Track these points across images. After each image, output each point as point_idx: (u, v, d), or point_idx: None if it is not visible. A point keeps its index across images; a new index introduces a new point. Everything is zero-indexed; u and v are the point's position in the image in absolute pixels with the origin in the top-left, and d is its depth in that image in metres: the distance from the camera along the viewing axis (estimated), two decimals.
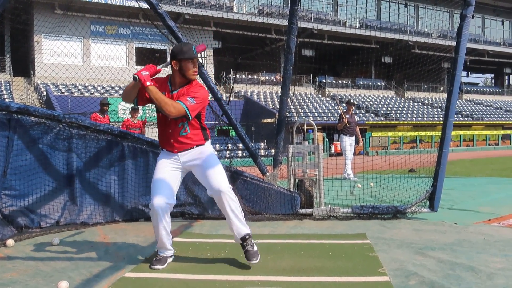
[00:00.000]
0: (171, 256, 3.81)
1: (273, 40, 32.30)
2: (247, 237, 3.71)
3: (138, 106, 11.29)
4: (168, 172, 3.70)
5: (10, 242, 4.42)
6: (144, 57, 28.29)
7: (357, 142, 10.94)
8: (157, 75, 3.69)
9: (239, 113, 26.69)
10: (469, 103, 42.95)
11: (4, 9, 4.98)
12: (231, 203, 3.64)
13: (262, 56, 34.75)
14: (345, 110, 10.93)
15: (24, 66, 26.42)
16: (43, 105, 23.25)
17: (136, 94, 3.62)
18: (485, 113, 40.87)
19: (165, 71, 3.82)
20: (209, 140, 3.85)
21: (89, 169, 5.40)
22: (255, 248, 3.71)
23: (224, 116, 6.48)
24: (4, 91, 24.20)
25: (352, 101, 11.39)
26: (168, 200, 3.62)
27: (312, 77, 36.82)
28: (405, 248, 4.12)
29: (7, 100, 21.41)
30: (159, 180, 3.66)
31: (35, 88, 26.42)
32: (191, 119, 3.57)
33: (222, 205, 3.64)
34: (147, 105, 3.86)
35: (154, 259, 3.75)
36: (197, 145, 3.73)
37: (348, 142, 10.67)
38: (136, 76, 3.42)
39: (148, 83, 3.41)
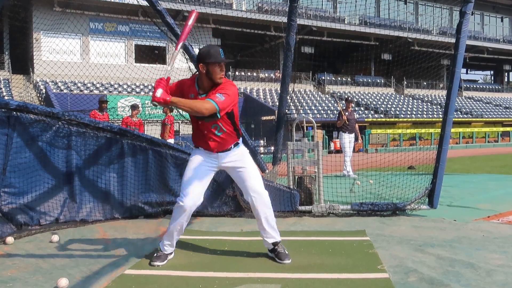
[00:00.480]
0: (171, 253, 3.82)
1: (273, 37, 32.26)
2: (279, 242, 3.78)
3: (137, 104, 11.31)
4: (203, 171, 3.68)
5: (10, 239, 4.42)
6: (144, 54, 28.27)
7: (356, 139, 10.96)
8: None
9: (239, 110, 26.62)
10: (469, 100, 42.96)
11: (3, 6, 4.97)
12: (266, 210, 3.71)
13: (262, 53, 34.73)
14: (344, 108, 10.93)
15: (23, 64, 26.38)
16: (42, 103, 23.24)
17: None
18: (485, 110, 40.89)
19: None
20: (241, 137, 3.84)
21: (88, 167, 5.40)
22: (286, 251, 3.76)
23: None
24: (3, 89, 24.18)
25: (351, 98, 11.38)
26: (198, 201, 3.65)
27: (311, 74, 36.81)
28: (405, 245, 4.12)
29: (6, 97, 21.39)
30: (194, 178, 3.64)
31: (34, 85, 26.40)
32: (219, 116, 3.49)
33: (257, 210, 3.69)
34: (146, 102, 3.85)
35: (155, 255, 3.76)
36: (234, 145, 3.72)
37: (347, 139, 10.67)
38: (155, 102, 3.31)
39: (168, 99, 3.28)
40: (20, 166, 4.83)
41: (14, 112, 4.69)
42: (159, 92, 3.28)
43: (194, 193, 3.61)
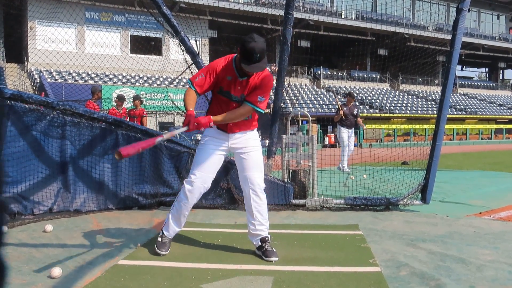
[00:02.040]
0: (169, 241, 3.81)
1: (269, 30, 32.14)
2: (267, 238, 3.72)
3: (124, 95, 11.32)
4: (214, 155, 3.65)
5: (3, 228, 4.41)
6: (140, 45, 28.12)
7: (355, 134, 10.90)
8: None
9: None
10: (463, 97, 43.15)
11: None
12: (260, 203, 3.66)
13: None
14: (343, 103, 10.95)
15: (17, 52, 26.17)
16: (36, 92, 23.10)
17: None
18: (479, 107, 41.10)
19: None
20: (256, 129, 3.82)
21: (82, 157, 5.39)
22: (274, 248, 3.70)
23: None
24: None
25: (352, 93, 11.38)
26: (208, 185, 3.64)
27: (307, 68, 36.79)
28: (397, 240, 4.16)
29: (0, 86, 21.22)
30: (205, 162, 3.62)
31: (28, 74, 26.23)
32: (263, 112, 3.56)
33: (249, 201, 3.66)
34: (141, 93, 3.86)
35: (160, 240, 3.71)
36: (249, 130, 3.70)
37: (346, 134, 10.68)
38: (203, 128, 3.44)
39: (211, 124, 3.43)
40: (14, 155, 4.82)
41: (8, 101, 4.67)
42: (204, 120, 3.40)
43: (203, 175, 3.60)
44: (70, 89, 20.01)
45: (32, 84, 25.19)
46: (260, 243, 3.71)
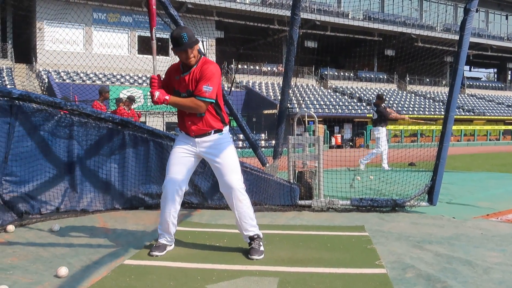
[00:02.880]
0: (170, 245, 3.84)
1: (276, 31, 32.15)
2: (255, 236, 3.73)
3: (133, 96, 11.49)
4: (183, 157, 3.71)
5: (11, 227, 4.45)
6: (147, 45, 28.15)
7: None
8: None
9: (241, 104, 26.66)
10: (471, 97, 42.87)
11: None
12: (240, 205, 3.66)
13: (264, 47, 34.64)
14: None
15: (26, 53, 26.38)
16: (44, 92, 23.25)
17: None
18: (487, 108, 40.81)
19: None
20: (227, 127, 3.82)
21: (89, 157, 5.42)
22: (262, 248, 3.71)
23: (225, 106, 6.47)
24: (6, 77, 24.18)
25: (381, 95, 11.63)
26: (180, 186, 3.67)
27: (314, 68, 36.72)
28: (403, 241, 4.14)
29: (8, 86, 21.39)
30: (174, 165, 3.70)
31: (36, 75, 26.41)
32: (215, 101, 3.60)
33: (231, 203, 3.68)
34: (148, 94, 3.90)
35: (154, 245, 3.78)
36: (215, 131, 3.70)
37: (384, 133, 10.84)
38: (155, 103, 3.51)
39: (167, 97, 3.50)
40: (22, 155, 4.85)
41: (17, 101, 4.69)
42: (157, 94, 3.49)
43: (175, 178, 3.64)
44: (77, 89, 20.10)
45: (40, 84, 25.36)
46: (249, 241, 3.75)
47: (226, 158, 3.69)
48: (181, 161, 3.71)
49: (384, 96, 11.47)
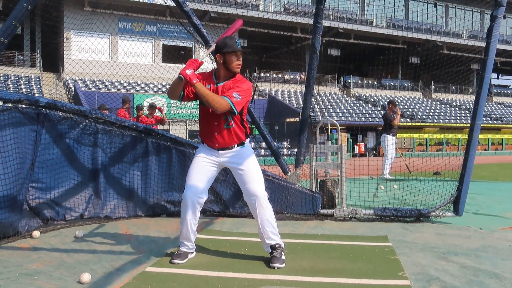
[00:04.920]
0: (192, 252, 3.85)
1: (299, 39, 32.19)
2: (277, 246, 3.73)
3: (155, 104, 11.76)
4: (204, 167, 3.74)
5: (36, 233, 4.54)
6: (170, 54, 28.57)
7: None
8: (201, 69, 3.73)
9: (263, 112, 26.73)
10: (499, 106, 41.94)
11: (35, 6, 5.10)
12: (264, 213, 3.68)
13: (287, 55, 34.70)
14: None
15: (53, 62, 27.05)
16: (71, 100, 23.76)
17: (182, 90, 3.66)
18: None
19: (206, 63, 3.86)
20: (249, 138, 3.85)
21: (113, 164, 5.49)
22: (284, 257, 3.70)
23: (248, 115, 6.47)
24: (34, 86, 24.83)
25: (394, 101, 11.54)
26: (200, 195, 3.68)
27: (337, 76, 36.55)
28: (428, 252, 4.05)
29: (37, 95, 21.95)
30: (195, 174, 3.72)
31: (63, 83, 27.02)
32: (236, 113, 3.60)
33: (254, 211, 3.69)
34: (171, 102, 3.91)
35: (175, 253, 3.80)
36: (238, 145, 3.74)
37: (390, 142, 10.74)
38: (181, 75, 3.47)
39: (194, 81, 3.46)
40: (48, 162, 4.95)
41: (44, 109, 4.80)
42: (190, 71, 3.47)
43: (195, 187, 3.66)
44: (103, 97, 20.46)
45: (67, 92, 25.93)
46: (270, 250, 3.74)
47: (249, 166, 3.73)
48: (202, 170, 3.73)
49: (395, 102, 11.32)
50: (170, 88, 3.69)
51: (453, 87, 41.53)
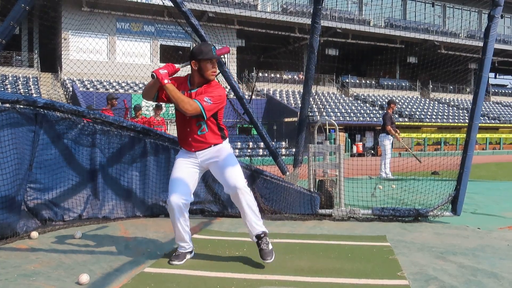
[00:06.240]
0: (190, 253, 3.84)
1: (297, 39, 32.18)
2: (262, 235, 3.71)
3: (161, 104, 11.75)
4: (185, 170, 3.73)
5: (34, 234, 4.53)
6: (168, 54, 28.55)
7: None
8: (178, 74, 3.73)
9: (261, 112, 26.71)
10: (497, 105, 42.01)
11: (33, 6, 5.09)
12: (247, 199, 3.65)
13: (285, 55, 34.68)
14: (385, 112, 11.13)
15: (51, 62, 27.00)
16: (69, 101, 23.72)
17: (156, 91, 3.68)
18: None
19: (185, 70, 3.85)
20: (227, 139, 3.86)
21: (111, 165, 5.49)
22: (270, 246, 3.71)
23: (246, 115, 6.48)
24: (32, 86, 24.79)
25: (393, 100, 11.60)
26: (185, 198, 3.66)
27: (335, 76, 36.57)
28: (426, 252, 4.06)
29: (34, 95, 21.91)
30: (177, 178, 3.71)
31: (61, 83, 26.97)
32: (206, 118, 3.60)
33: (238, 201, 3.66)
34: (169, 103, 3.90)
35: (173, 254, 3.80)
36: (214, 144, 3.75)
37: (388, 141, 10.79)
38: (154, 74, 3.48)
39: (166, 81, 3.47)
40: (46, 162, 4.94)
41: (42, 110, 4.79)
42: (163, 72, 3.50)
43: (178, 192, 3.63)
44: (101, 98, 20.42)
45: (65, 93, 25.88)
46: (256, 240, 3.72)
47: (227, 160, 3.73)
48: (183, 173, 3.72)
49: (394, 101, 11.41)
50: (144, 88, 3.72)
51: (451, 87, 41.58)
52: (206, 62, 3.60)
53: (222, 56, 3.84)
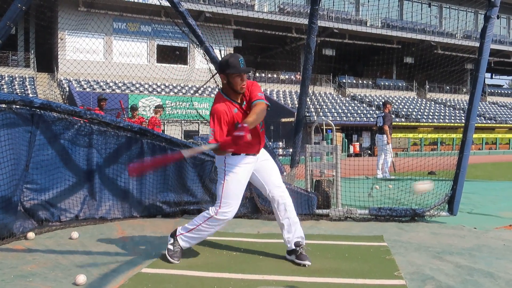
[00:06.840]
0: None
1: (294, 39, 32.21)
2: (301, 242, 3.72)
3: (162, 104, 11.92)
4: (245, 181, 3.65)
5: (31, 235, 4.52)
6: (165, 54, 28.54)
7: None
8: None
9: None
10: (493, 105, 42.16)
11: (30, 6, 5.08)
12: (291, 204, 3.69)
13: (282, 55, 34.71)
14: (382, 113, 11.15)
15: (47, 62, 26.93)
16: (65, 101, 23.67)
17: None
18: (509, 116, 40.05)
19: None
20: None
21: (108, 165, 5.47)
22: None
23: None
24: (28, 87, 24.72)
25: (388, 100, 11.67)
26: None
27: (332, 76, 36.61)
28: (423, 252, 4.07)
29: (31, 95, 21.84)
30: (239, 191, 3.61)
31: (58, 84, 26.91)
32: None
33: (286, 200, 3.67)
34: (166, 102, 3.89)
35: (172, 248, 3.78)
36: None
37: (385, 142, 10.96)
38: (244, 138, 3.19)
39: (244, 133, 3.18)
40: (42, 163, 4.93)
41: (38, 110, 4.77)
42: (248, 136, 3.21)
43: (236, 204, 3.61)
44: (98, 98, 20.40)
45: (61, 93, 25.82)
46: (294, 247, 3.72)
47: (273, 161, 3.81)
48: (243, 185, 3.63)
49: (390, 102, 11.46)
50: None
51: (447, 87, 41.70)
52: (234, 76, 3.44)
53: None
